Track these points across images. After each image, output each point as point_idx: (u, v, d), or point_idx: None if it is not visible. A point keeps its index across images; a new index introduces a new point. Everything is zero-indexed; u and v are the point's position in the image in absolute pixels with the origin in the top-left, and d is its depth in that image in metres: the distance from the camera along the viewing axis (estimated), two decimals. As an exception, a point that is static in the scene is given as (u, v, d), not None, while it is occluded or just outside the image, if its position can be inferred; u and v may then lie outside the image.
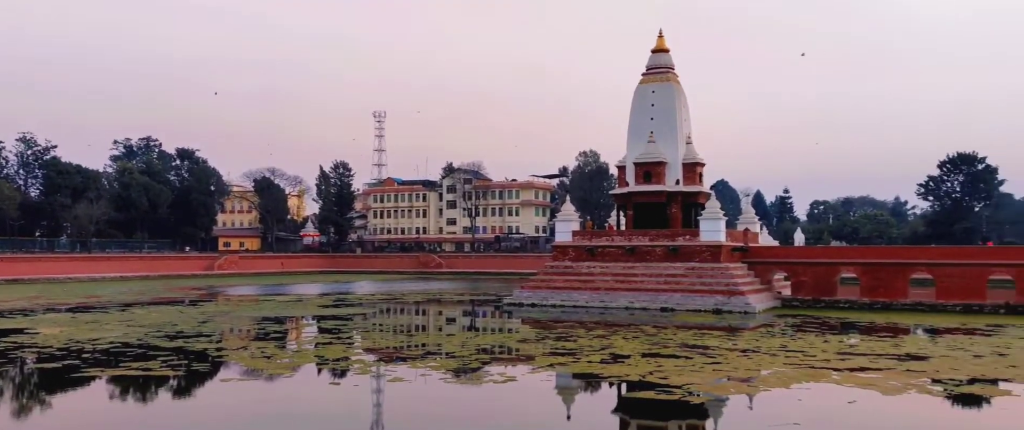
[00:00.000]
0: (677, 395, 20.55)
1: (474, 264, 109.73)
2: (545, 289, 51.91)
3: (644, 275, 49.94)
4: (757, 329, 36.99)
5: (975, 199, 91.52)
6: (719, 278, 47.72)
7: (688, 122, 56.57)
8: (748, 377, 23.59)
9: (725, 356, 27.45)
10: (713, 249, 49.18)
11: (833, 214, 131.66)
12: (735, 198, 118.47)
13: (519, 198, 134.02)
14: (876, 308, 47.35)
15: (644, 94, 55.83)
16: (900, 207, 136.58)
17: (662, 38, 56.97)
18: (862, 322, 40.11)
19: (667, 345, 30.35)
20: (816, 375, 23.67)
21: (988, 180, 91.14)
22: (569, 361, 26.63)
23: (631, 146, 55.98)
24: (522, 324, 41.11)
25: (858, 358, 26.86)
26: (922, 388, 21.64)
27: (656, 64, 56.39)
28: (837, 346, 30.09)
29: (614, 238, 53.39)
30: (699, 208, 53.41)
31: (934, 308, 46.34)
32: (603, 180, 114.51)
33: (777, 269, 53.40)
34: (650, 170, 54.38)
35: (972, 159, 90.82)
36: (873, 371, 24.24)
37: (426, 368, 25.45)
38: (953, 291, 46.96)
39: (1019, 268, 46.45)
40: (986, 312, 44.66)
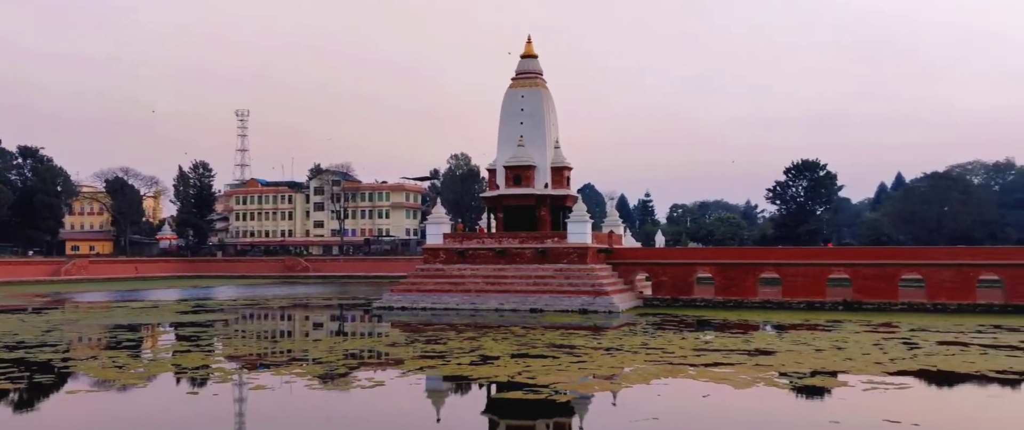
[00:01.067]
0: (544, 394, 21.03)
1: (343, 267, 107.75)
2: (416, 292, 51.71)
3: (514, 277, 50.66)
4: (620, 328, 38.31)
5: (817, 203, 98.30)
6: (585, 279, 49.05)
7: (556, 127, 57.86)
8: (612, 375, 24.43)
9: (590, 355, 28.29)
10: (580, 251, 50.52)
11: (691, 217, 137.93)
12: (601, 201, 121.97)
13: (389, 200, 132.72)
14: (729, 306, 50.04)
15: (514, 99, 56.66)
16: (751, 210, 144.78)
17: (531, 44, 58.00)
18: (716, 319, 42.31)
19: (535, 345, 30.94)
20: (674, 371, 24.81)
21: (828, 186, 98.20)
22: (439, 364, 26.68)
23: (501, 150, 56.67)
24: (392, 328, 40.79)
25: (713, 354, 28.34)
26: (770, 381, 23.11)
27: (525, 69, 57.35)
28: (694, 343, 31.62)
29: (485, 240, 53.86)
30: (567, 211, 54.73)
31: (781, 305, 49.48)
32: (474, 183, 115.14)
33: (639, 270, 55.46)
34: (520, 174, 55.23)
35: (814, 166, 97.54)
36: (726, 366, 25.65)
37: (291, 375, 24.83)
38: (797, 289, 50.32)
39: (855, 268, 50.31)
40: (826, 309, 48.09)
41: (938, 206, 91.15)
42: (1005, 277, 47.51)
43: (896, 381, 22.99)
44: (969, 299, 46.93)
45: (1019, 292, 46.26)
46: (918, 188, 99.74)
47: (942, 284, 47.80)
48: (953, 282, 47.59)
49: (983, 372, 24.43)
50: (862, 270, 49.75)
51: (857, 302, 48.49)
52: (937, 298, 47.49)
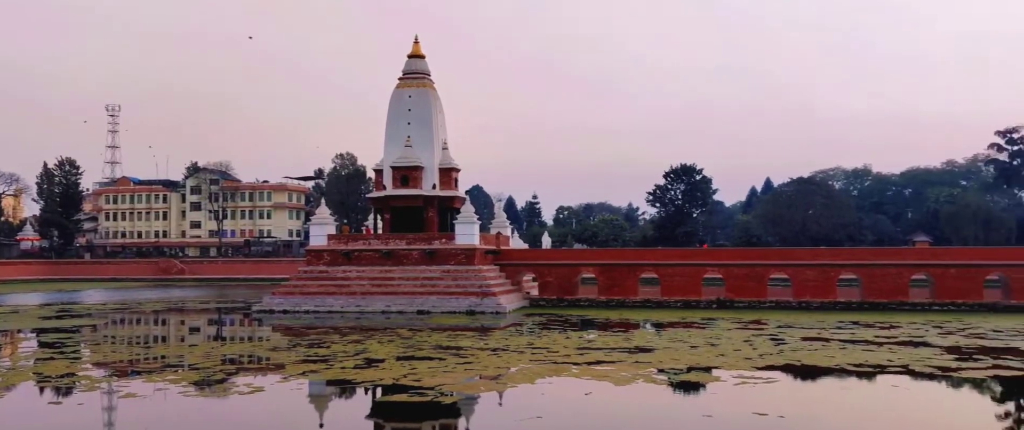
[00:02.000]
0: (430, 396, 21.06)
1: (221, 269, 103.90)
2: (298, 295, 50.54)
3: (401, 279, 50.32)
4: (507, 328, 38.75)
5: (694, 206, 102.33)
6: (473, 280, 49.30)
7: (444, 128, 57.87)
8: (498, 375, 24.71)
9: (476, 356, 28.50)
10: (468, 252, 50.72)
11: (576, 219, 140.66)
12: (489, 203, 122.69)
13: (271, 200, 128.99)
14: (612, 305, 51.46)
15: (401, 99, 56.31)
16: (633, 213, 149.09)
17: (418, 44, 57.77)
18: (599, 319, 43.43)
19: (422, 347, 30.88)
20: (558, 370, 25.36)
21: (704, 189, 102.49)
22: (322, 368, 26.23)
23: (388, 150, 56.18)
24: (273, 331, 39.74)
25: (595, 352, 29.11)
26: (648, 377, 23.98)
27: (413, 69, 57.08)
28: (577, 342, 32.37)
29: (371, 242, 53.25)
30: (455, 212, 54.82)
31: (660, 304, 51.30)
32: (360, 183, 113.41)
33: (526, 271, 56.23)
34: (407, 174, 54.92)
35: (691, 170, 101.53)
36: (608, 364, 26.42)
37: (164, 382, 23.83)
38: (675, 289, 52.32)
39: (727, 268, 52.77)
40: (701, 307, 50.20)
41: (803, 209, 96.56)
42: (862, 276, 50.94)
43: (764, 375, 24.32)
44: (830, 297, 50.06)
45: (874, 290, 49.71)
46: (785, 192, 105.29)
47: (806, 283, 50.80)
48: (816, 281, 50.65)
49: (842, 365, 26.15)
50: (734, 270, 52.23)
51: (730, 300, 50.85)
52: (802, 296, 50.41)
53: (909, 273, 50.54)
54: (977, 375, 24.38)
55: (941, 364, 26.19)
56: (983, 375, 24.39)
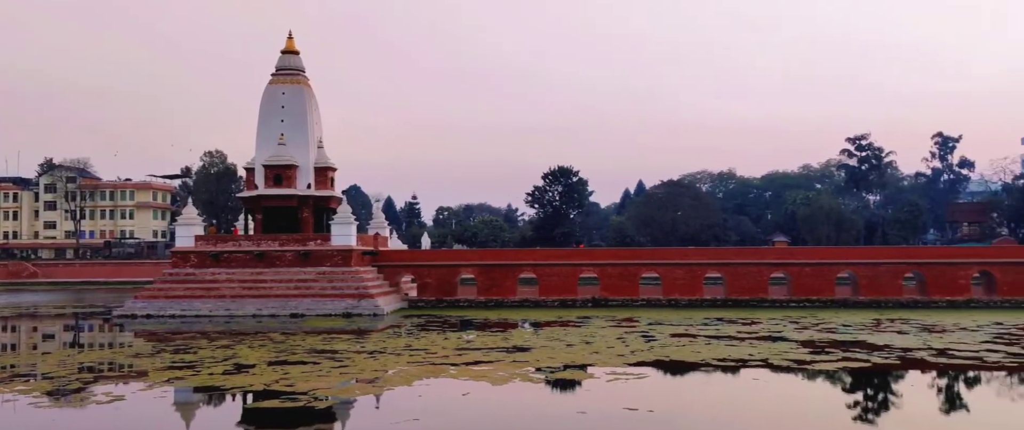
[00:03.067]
0: (303, 401, 20.57)
1: (79, 272, 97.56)
2: (163, 298, 48.19)
3: (274, 281, 48.87)
4: (385, 330, 38.34)
5: (571, 207, 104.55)
6: (350, 282, 48.47)
7: (320, 126, 56.64)
8: (374, 378, 24.40)
9: (352, 359, 28.05)
10: (344, 253, 49.83)
11: (456, 219, 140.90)
12: (367, 203, 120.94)
13: (134, 200, 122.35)
14: (491, 306, 51.84)
15: (274, 95, 54.69)
16: (512, 213, 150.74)
17: (292, 40, 56.31)
18: (478, 319, 43.67)
19: (295, 351, 30.11)
20: (436, 371, 25.32)
21: (580, 191, 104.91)
22: (189, 375, 25.13)
23: (260, 148, 54.45)
24: (135, 338, 37.73)
25: (473, 353, 29.25)
26: (525, 376, 24.31)
27: (287, 65, 55.58)
28: (456, 343, 32.43)
29: (242, 243, 51.42)
30: (331, 213, 53.73)
31: (538, 304, 52.11)
32: (231, 182, 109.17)
33: (405, 272, 55.82)
34: (281, 173, 53.41)
35: (568, 172, 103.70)
36: (486, 364, 26.60)
37: (13, 393, 22.19)
38: (552, 288, 53.29)
39: (602, 267, 54.23)
40: (578, 306, 51.37)
41: (673, 210, 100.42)
42: (726, 275, 53.51)
43: (636, 372, 25.14)
44: (697, 295, 52.33)
45: (737, 288, 52.34)
46: (656, 194, 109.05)
47: (676, 282, 52.89)
48: (685, 280, 52.83)
49: (708, 360, 27.39)
50: (608, 270, 53.75)
51: (604, 299, 52.27)
52: (671, 294, 52.45)
53: (769, 272, 53.51)
54: (829, 367, 26.09)
55: (797, 357, 27.87)
56: (834, 367, 26.13)
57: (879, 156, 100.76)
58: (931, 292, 50.83)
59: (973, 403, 22.08)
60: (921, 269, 52.35)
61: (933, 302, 49.80)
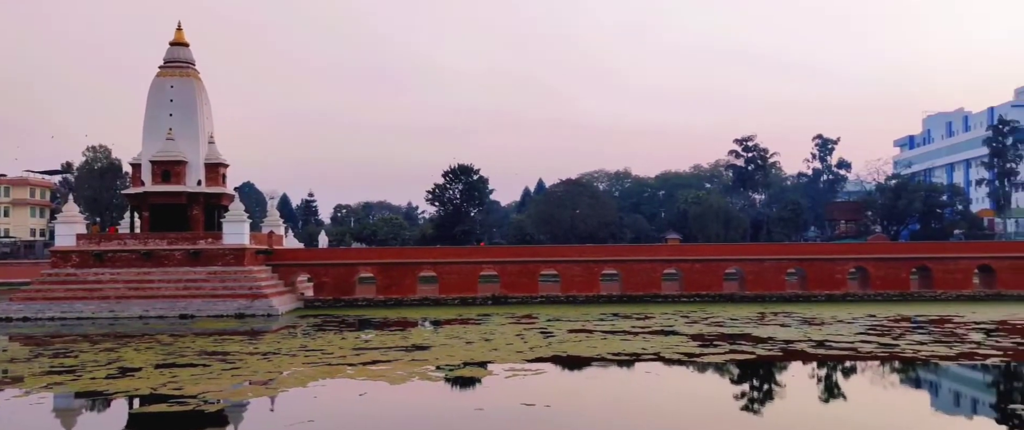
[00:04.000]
0: (192, 405, 19.91)
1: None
2: (41, 300, 45.54)
3: (162, 281, 46.96)
4: (279, 331, 37.48)
5: (471, 205, 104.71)
6: (242, 282, 47.10)
7: (211, 120, 54.73)
8: (268, 379, 23.85)
9: (245, 361, 27.31)
10: (237, 252, 48.38)
11: (355, 217, 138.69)
12: (262, 200, 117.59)
13: (10, 196, 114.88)
14: (390, 304, 51.42)
15: (162, 88, 52.51)
16: (413, 211, 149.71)
17: (181, 31, 54.21)
18: (377, 318, 43.26)
19: (184, 354, 29.07)
20: (333, 372, 24.96)
21: (481, 189, 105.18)
22: (69, 380, 23.90)
23: (147, 143, 52.18)
24: (11, 342, 35.49)
25: (371, 352, 28.98)
26: (424, 375, 24.28)
27: (176, 58, 53.47)
28: (353, 342, 32.04)
29: (127, 242, 49.14)
30: (223, 210, 52.04)
31: (438, 302, 52.03)
32: (116, 178, 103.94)
33: (301, 271, 54.66)
34: (169, 169, 51.36)
35: (469, 170, 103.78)
36: (384, 363, 26.40)
37: None
38: (452, 286, 53.32)
39: (502, 265, 54.64)
40: (478, 304, 51.58)
41: (571, 209, 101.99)
42: (622, 271, 54.84)
43: (534, 367, 25.51)
44: (594, 291, 53.45)
45: (632, 284, 53.74)
46: (555, 193, 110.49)
47: (573, 279, 53.86)
48: (582, 277, 53.86)
49: (603, 355, 28.05)
50: (508, 267, 54.20)
51: (504, 297, 52.69)
52: (569, 291, 53.38)
53: (662, 268, 55.18)
54: (717, 359, 27.18)
55: (687, 350, 28.90)
56: (722, 359, 27.24)
57: (764, 157, 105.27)
58: (811, 286, 53.56)
59: (849, 391, 23.47)
60: (802, 265, 55.09)
61: (813, 296, 52.50)
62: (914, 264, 55.01)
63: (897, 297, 51.95)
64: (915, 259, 55.17)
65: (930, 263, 54.15)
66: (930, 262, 54.20)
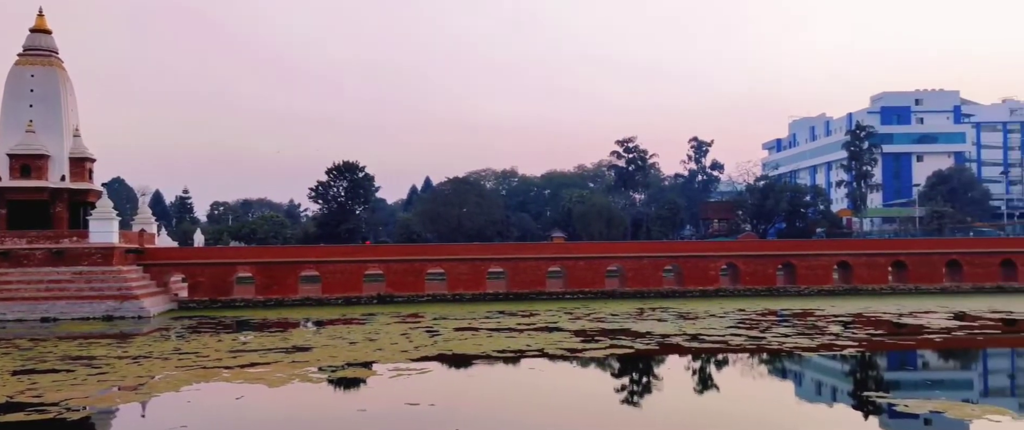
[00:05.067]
0: (53, 413, 18.77)
1: None
2: None
3: (20, 282, 43.93)
4: (151, 334, 35.82)
5: (357, 203, 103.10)
6: (111, 282, 44.69)
7: (76, 112, 51.63)
8: (138, 385, 22.74)
9: (113, 365, 25.96)
10: (104, 252, 45.87)
11: (233, 215, 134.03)
12: (133, 197, 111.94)
13: None
14: (270, 305, 50.01)
15: (21, 77, 49.13)
16: (295, 209, 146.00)
17: (43, 17, 50.89)
18: (256, 319, 42.00)
19: (45, 359, 27.34)
20: (208, 375, 24.07)
21: (367, 186, 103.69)
22: (-90, 391, 22.02)
23: (5, 136, 48.70)
24: None
25: (250, 354, 28.11)
26: (305, 376, 23.76)
27: (37, 45, 50.15)
28: (230, 344, 30.99)
29: (-21, 241, 45.69)
30: (89, 207, 49.19)
31: (321, 302, 51.02)
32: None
33: (175, 271, 52.40)
34: (29, 164, 48.11)
35: (354, 167, 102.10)
36: (263, 366, 25.67)
37: None
38: (336, 286, 52.40)
39: (388, 264, 54.14)
40: (363, 303, 50.91)
41: (458, 207, 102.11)
42: (508, 269, 55.41)
43: (419, 367, 25.43)
44: (481, 289, 53.76)
45: (517, 282, 54.38)
46: (443, 191, 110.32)
47: (460, 277, 53.98)
48: (469, 275, 54.06)
49: (488, 352, 28.28)
50: (394, 266, 53.76)
51: (390, 296, 52.23)
52: (456, 289, 53.47)
53: (547, 266, 56.11)
54: (598, 354, 27.92)
55: (570, 346, 29.53)
56: (603, 354, 28.01)
57: (644, 158, 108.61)
58: (687, 282, 55.76)
59: (721, 383, 24.62)
60: (678, 262, 57.27)
61: (688, 292, 54.66)
62: (780, 261, 58.17)
63: (765, 292, 54.78)
64: (781, 256, 58.35)
65: (794, 260, 57.40)
66: (794, 259, 57.46)
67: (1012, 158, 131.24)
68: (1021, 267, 56.45)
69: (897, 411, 18.84)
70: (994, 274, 56.59)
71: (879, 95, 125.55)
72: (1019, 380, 26.48)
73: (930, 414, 18.35)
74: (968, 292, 53.90)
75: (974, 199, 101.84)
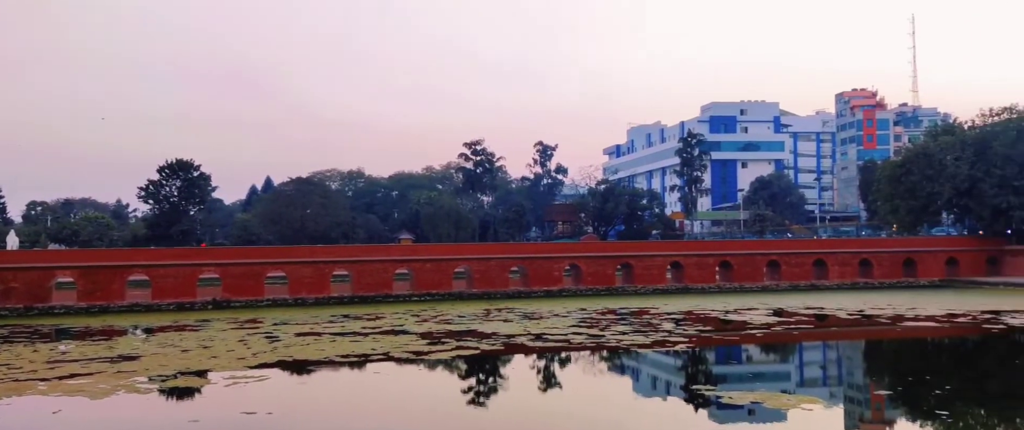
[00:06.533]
0: None
1: None
2: None
3: None
4: (-48, 346, 32.39)
5: (191, 203, 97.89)
6: (-98, 290, 40.04)
7: None
8: (-65, 403, 20.53)
9: (-95, 382, 23.26)
10: None
11: (53, 216, 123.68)
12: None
13: None
14: (93, 311, 46.55)
15: None
16: (122, 210, 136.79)
17: None
18: (78, 327, 39.06)
19: None
20: (21, 388, 22.10)
21: (202, 186, 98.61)
22: None
23: None
24: None
25: (69, 365, 26.03)
26: (132, 387, 22.27)
27: None
28: (47, 355, 28.58)
29: None
30: None
31: (150, 308, 48.01)
32: None
33: (-19, 276, 47.66)
34: None
35: (188, 166, 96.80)
36: (84, 376, 23.83)
37: None
38: (167, 290, 49.50)
39: (225, 267, 51.78)
40: (197, 309, 48.37)
41: (302, 208, 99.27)
42: (353, 272, 54.41)
43: (257, 374, 24.46)
44: (325, 293, 52.46)
45: (364, 284, 53.52)
46: (285, 191, 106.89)
47: (303, 280, 52.45)
48: (312, 278, 52.63)
49: (332, 357, 27.62)
50: (231, 269, 51.50)
51: (226, 300, 49.94)
52: (298, 293, 51.90)
53: (394, 268, 55.57)
54: (445, 356, 27.98)
55: (417, 349, 29.39)
56: (449, 355, 28.10)
57: (491, 161, 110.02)
58: (532, 283, 56.93)
59: (564, 380, 25.34)
60: (524, 263, 58.39)
61: (534, 292, 55.81)
62: (619, 261, 60.56)
63: (605, 291, 56.84)
64: (620, 257, 60.78)
65: (632, 260, 59.95)
66: (632, 260, 60.00)
67: (824, 166, 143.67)
68: (831, 266, 61.66)
69: (723, 403, 20.09)
70: (808, 273, 61.47)
71: (708, 105, 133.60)
72: (830, 371, 28.97)
73: (752, 405, 19.70)
74: (786, 290, 58.27)
75: (791, 203, 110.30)
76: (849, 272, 61.20)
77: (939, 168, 61.92)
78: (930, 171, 62.64)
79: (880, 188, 70.10)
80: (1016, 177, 57.81)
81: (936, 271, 61.16)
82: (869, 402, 22.07)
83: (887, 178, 68.09)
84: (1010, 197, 58.29)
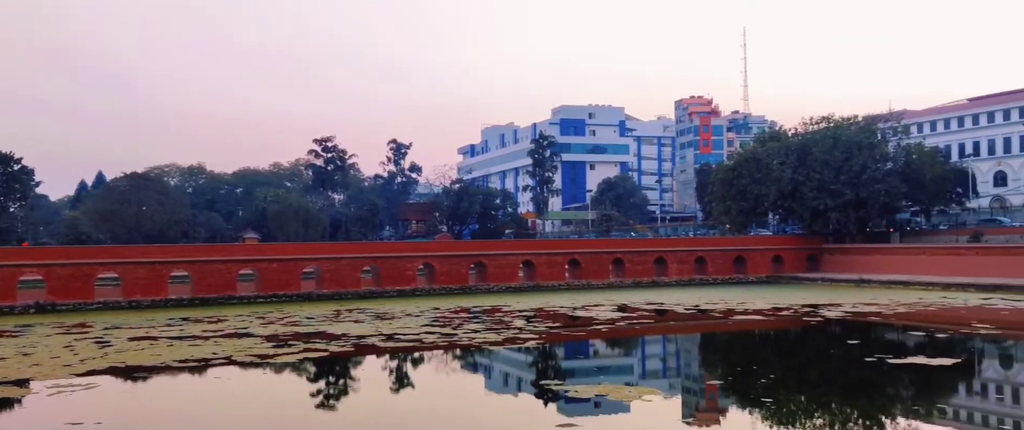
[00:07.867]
0: None
1: None
2: None
3: None
4: None
5: (11, 199, 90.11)
6: None
7: None
8: None
9: None
10: None
11: None
12: None
13: None
14: None
15: None
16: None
17: None
18: None
19: None
20: None
21: (24, 181, 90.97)
22: None
23: None
24: None
25: None
26: (-63, 401, 20.24)
27: None
28: None
29: None
30: None
31: (-40, 314, 43.73)
32: None
33: None
34: None
35: (8, 159, 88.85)
36: None
37: None
38: (-19, 294, 45.25)
39: (49, 268, 47.96)
40: (17, 313, 44.54)
41: (137, 205, 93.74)
42: (193, 272, 51.81)
43: (85, 382, 22.81)
44: (162, 295, 49.63)
45: (205, 286, 51.08)
46: (118, 187, 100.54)
47: (137, 281, 49.40)
48: (147, 279, 49.66)
49: (169, 363, 26.17)
50: (57, 270, 47.82)
51: (51, 304, 46.27)
52: (132, 295, 48.82)
53: (238, 268, 53.39)
54: (292, 359, 27.16)
55: (261, 352, 28.36)
56: (297, 358, 27.32)
57: (343, 158, 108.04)
58: (385, 283, 56.35)
59: (416, 380, 25.29)
60: (377, 263, 57.70)
61: (386, 292, 55.23)
62: (473, 260, 61.06)
63: (458, 290, 57.13)
64: (473, 256, 61.29)
65: (486, 259, 60.60)
66: (485, 258, 60.65)
67: (665, 169, 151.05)
68: (671, 264, 64.85)
69: (570, 397, 20.73)
70: (650, 270, 64.36)
71: (559, 107, 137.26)
72: (669, 363, 30.54)
73: (597, 397, 20.45)
74: (629, 286, 60.76)
75: (635, 204, 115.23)
76: (686, 269, 64.57)
77: (766, 172, 66.51)
78: (758, 174, 67.15)
79: (714, 190, 74.42)
80: (832, 181, 62.92)
81: (764, 268, 65.70)
82: (704, 392, 23.44)
83: (720, 181, 72.38)
84: (827, 199, 63.40)
